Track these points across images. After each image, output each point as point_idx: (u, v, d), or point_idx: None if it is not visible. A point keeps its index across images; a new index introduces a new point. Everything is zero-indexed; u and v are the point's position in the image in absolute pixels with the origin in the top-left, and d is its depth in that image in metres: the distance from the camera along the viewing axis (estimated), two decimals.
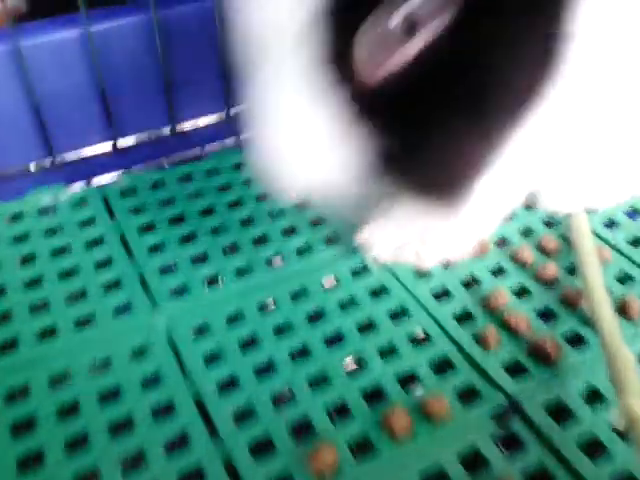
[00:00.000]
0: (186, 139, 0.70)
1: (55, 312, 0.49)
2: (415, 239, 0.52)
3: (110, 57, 0.63)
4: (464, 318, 0.50)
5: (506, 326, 0.49)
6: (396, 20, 0.34)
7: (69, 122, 0.64)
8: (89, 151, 0.66)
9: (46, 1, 0.77)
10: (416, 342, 0.48)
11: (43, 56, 0.61)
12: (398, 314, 0.51)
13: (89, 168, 0.66)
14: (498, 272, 0.54)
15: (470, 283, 0.53)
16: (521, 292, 0.52)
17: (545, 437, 0.42)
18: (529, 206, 0.61)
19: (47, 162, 0.65)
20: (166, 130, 0.69)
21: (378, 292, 0.52)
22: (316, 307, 0.50)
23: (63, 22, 0.63)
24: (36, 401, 0.43)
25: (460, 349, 0.48)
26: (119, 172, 0.67)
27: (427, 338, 0.49)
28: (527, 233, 0.58)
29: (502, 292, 0.51)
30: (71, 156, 0.66)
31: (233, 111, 0.71)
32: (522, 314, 0.49)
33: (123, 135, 0.67)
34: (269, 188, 0.40)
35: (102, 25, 0.62)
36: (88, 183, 0.66)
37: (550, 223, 0.59)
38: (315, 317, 0.50)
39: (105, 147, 0.67)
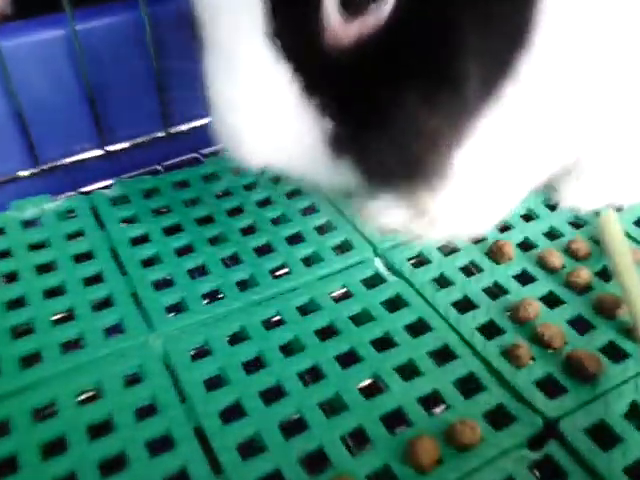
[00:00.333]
0: (182, 142, 0.66)
1: (40, 335, 0.45)
2: (422, 209, 0.48)
3: (98, 57, 0.60)
4: (491, 331, 0.46)
5: (538, 339, 0.44)
6: None
7: (56, 127, 0.61)
8: (77, 158, 0.63)
9: (31, 3, 0.74)
10: (439, 359, 0.44)
11: (27, 57, 0.57)
12: (417, 328, 0.46)
13: (77, 176, 0.62)
14: (525, 279, 0.50)
15: (495, 292, 0.49)
16: (552, 300, 0.48)
17: (588, 463, 0.38)
18: (552, 205, 0.56)
19: (32, 171, 0.61)
20: (160, 133, 0.65)
21: (394, 304, 0.48)
22: (327, 322, 0.46)
23: (47, 22, 0.59)
24: (18, 437, 0.39)
25: (488, 366, 0.43)
26: (109, 179, 0.63)
27: (451, 354, 0.44)
28: (552, 235, 0.54)
29: (531, 301, 0.47)
30: (58, 163, 0.62)
31: None
32: (555, 326, 0.45)
33: (114, 139, 0.64)
34: (233, 155, 0.40)
35: (88, 24, 0.59)
36: (76, 192, 0.61)
37: (576, 224, 0.55)
38: (326, 333, 0.46)
39: (94, 153, 0.63)
